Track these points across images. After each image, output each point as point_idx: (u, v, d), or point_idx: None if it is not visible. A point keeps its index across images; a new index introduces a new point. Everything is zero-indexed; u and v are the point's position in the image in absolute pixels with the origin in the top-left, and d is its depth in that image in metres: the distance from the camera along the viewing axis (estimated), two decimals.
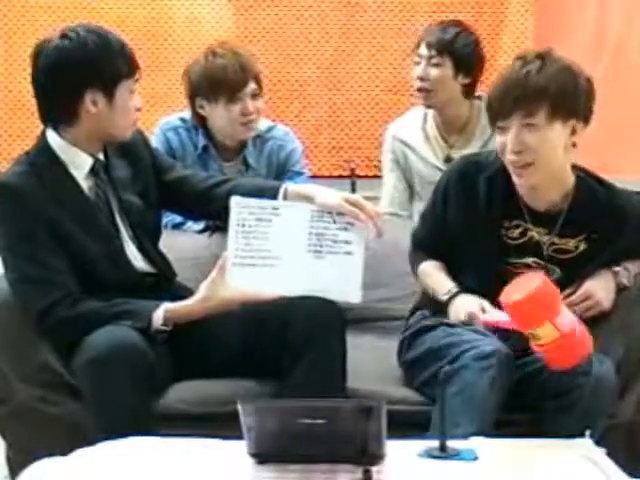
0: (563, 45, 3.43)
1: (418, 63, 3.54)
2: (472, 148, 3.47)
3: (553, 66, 2.50)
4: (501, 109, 2.50)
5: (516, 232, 2.62)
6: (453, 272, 2.73)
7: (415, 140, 3.61)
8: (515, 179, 2.55)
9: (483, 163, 2.65)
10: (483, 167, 2.64)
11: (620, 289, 2.69)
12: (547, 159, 2.50)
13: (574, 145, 2.52)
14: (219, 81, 3.27)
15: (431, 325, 2.67)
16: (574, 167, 2.62)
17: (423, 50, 3.52)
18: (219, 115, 3.32)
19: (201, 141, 3.40)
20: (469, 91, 3.54)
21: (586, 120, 2.54)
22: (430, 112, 3.61)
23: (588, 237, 2.61)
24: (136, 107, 2.65)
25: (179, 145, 3.41)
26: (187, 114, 3.44)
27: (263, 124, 3.47)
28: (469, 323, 2.56)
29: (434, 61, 3.50)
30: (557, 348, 2.33)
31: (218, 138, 3.40)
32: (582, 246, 2.62)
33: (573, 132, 2.51)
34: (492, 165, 2.62)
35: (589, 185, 2.62)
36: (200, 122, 3.39)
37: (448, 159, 3.53)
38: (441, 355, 2.52)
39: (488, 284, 2.54)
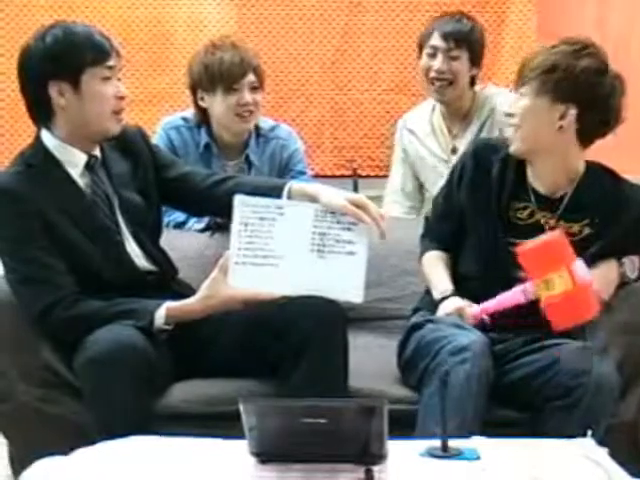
0: None
1: (432, 55, 3.48)
2: (470, 132, 3.49)
3: (567, 51, 2.58)
4: (516, 78, 2.68)
5: (524, 213, 2.69)
6: (457, 258, 2.79)
7: (422, 131, 3.63)
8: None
9: (498, 145, 2.75)
10: (497, 149, 2.73)
11: (623, 283, 2.69)
12: (529, 128, 2.60)
13: (560, 128, 2.59)
14: (217, 72, 3.28)
15: (419, 323, 2.70)
16: (592, 163, 2.70)
17: (439, 42, 3.46)
18: (217, 106, 3.33)
19: (203, 140, 3.40)
20: (473, 82, 3.56)
21: (597, 115, 2.60)
22: (438, 104, 3.60)
23: (591, 222, 2.66)
24: (118, 95, 2.61)
25: (181, 144, 3.41)
26: (189, 113, 3.45)
27: (266, 123, 3.47)
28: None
29: (453, 54, 3.45)
30: (568, 300, 2.44)
31: (219, 134, 3.39)
32: (586, 230, 2.66)
33: (562, 116, 2.58)
34: (506, 148, 2.69)
35: (597, 174, 2.69)
36: (202, 117, 3.39)
37: (454, 150, 3.54)
38: (425, 353, 2.55)
39: (492, 265, 2.64)
